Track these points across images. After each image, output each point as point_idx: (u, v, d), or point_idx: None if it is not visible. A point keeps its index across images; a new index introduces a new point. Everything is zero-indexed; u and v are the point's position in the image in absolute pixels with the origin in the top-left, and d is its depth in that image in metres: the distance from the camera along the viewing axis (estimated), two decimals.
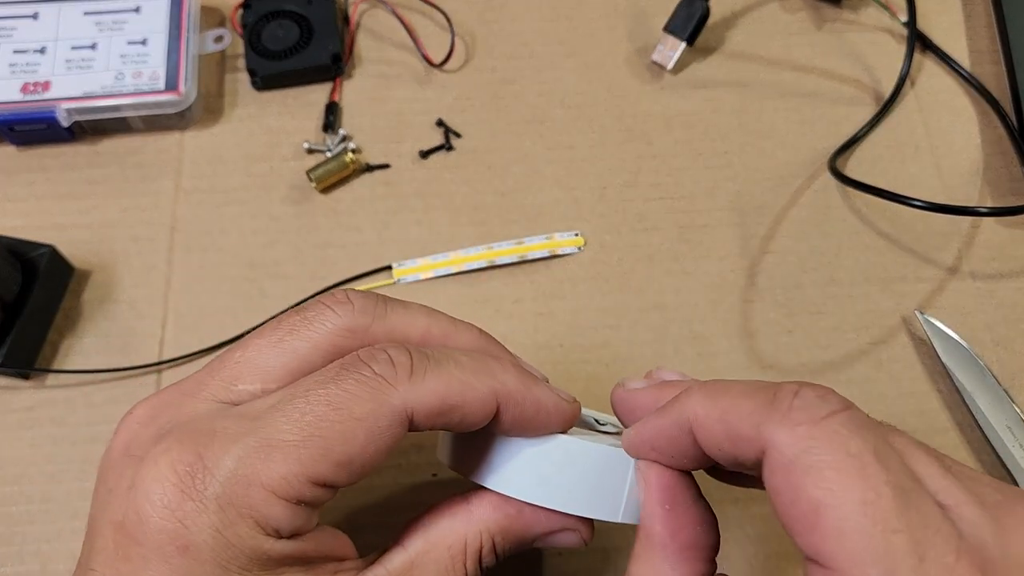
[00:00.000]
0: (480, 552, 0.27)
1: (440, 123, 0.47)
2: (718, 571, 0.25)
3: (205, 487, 0.22)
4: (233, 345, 0.27)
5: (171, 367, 0.41)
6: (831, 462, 0.20)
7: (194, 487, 0.22)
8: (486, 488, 0.27)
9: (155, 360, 0.40)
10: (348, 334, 0.26)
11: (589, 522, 0.28)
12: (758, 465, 0.22)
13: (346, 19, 0.49)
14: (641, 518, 0.25)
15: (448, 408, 0.24)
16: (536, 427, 0.27)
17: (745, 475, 0.26)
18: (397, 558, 0.26)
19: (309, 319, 0.26)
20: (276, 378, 0.25)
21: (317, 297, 0.27)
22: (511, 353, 0.30)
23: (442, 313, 0.28)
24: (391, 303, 0.27)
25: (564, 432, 0.27)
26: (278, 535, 0.23)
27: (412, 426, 0.24)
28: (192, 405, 0.25)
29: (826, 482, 0.20)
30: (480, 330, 0.29)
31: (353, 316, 0.26)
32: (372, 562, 0.27)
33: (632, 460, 0.26)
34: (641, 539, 0.25)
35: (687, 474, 0.26)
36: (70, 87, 0.44)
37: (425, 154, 0.46)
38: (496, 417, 0.26)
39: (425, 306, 0.28)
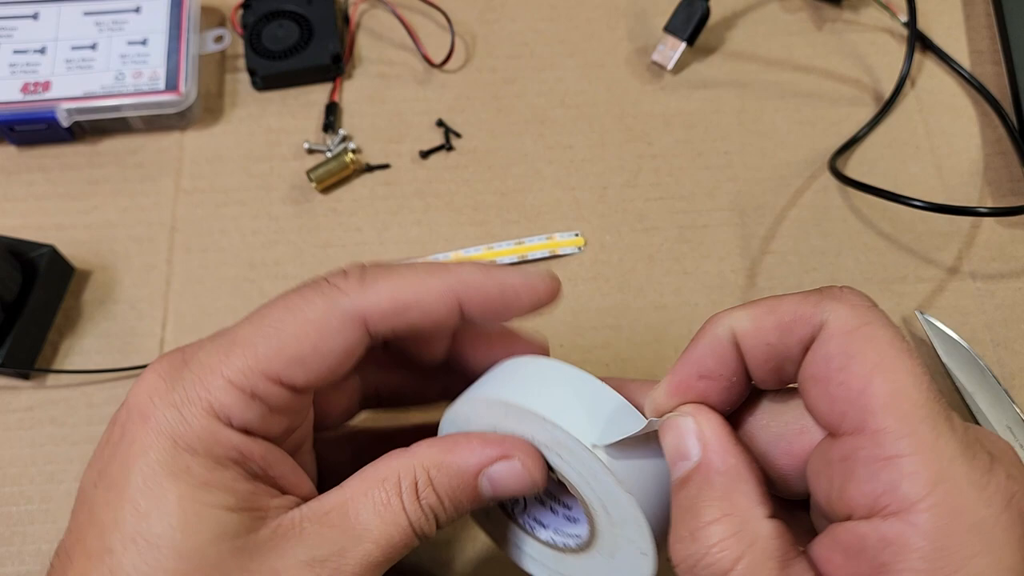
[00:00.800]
0: (416, 488, 0.26)
1: (440, 123, 0.47)
2: None
3: (180, 375, 0.25)
4: None
5: None
6: (886, 338, 0.21)
7: (170, 375, 0.25)
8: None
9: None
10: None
11: (531, 450, 0.26)
12: (798, 359, 0.23)
13: (346, 19, 0.49)
14: (706, 455, 0.23)
15: (402, 307, 0.25)
16: (506, 308, 0.27)
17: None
18: (333, 496, 0.26)
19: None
20: None
21: None
22: None
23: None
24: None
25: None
26: (229, 424, 0.24)
27: (372, 332, 0.25)
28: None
29: (881, 352, 0.21)
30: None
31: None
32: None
33: (616, 398, 0.25)
34: (706, 479, 0.23)
35: None
36: (70, 87, 0.44)
37: (425, 154, 0.46)
38: (463, 314, 0.26)
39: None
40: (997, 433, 0.24)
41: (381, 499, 0.26)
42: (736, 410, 0.25)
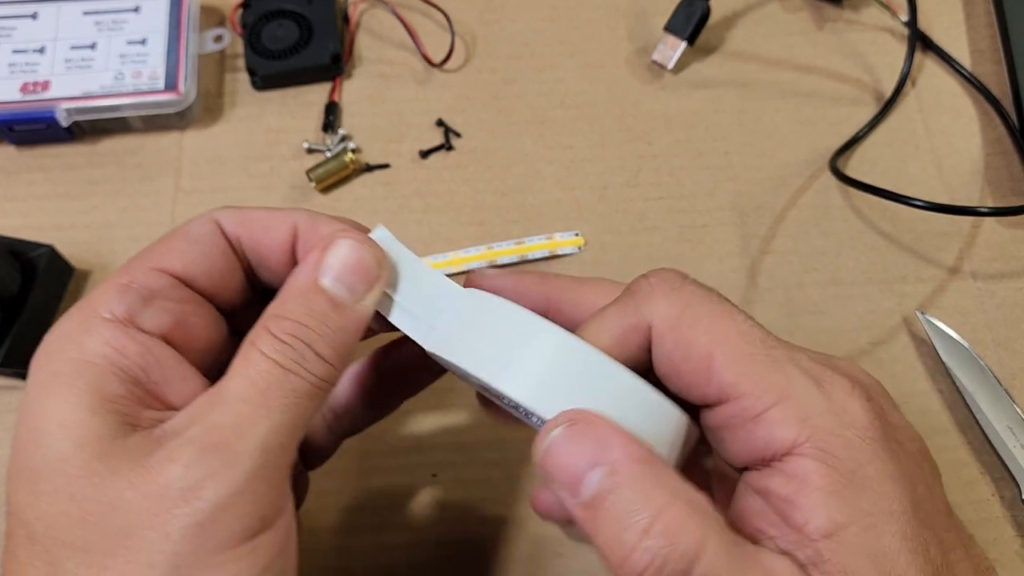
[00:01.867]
0: (267, 328, 0.23)
1: (440, 123, 0.46)
2: None
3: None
4: None
5: None
6: (707, 312, 0.24)
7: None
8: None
9: None
10: None
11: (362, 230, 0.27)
12: (648, 359, 0.25)
13: (346, 19, 0.49)
14: (621, 453, 0.22)
15: (247, 218, 0.27)
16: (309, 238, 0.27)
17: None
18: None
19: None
20: None
21: None
22: None
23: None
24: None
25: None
26: (108, 317, 0.24)
27: (229, 237, 0.27)
28: None
29: (710, 328, 0.23)
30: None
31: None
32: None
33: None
34: (631, 475, 0.22)
35: None
36: (69, 87, 0.44)
37: (425, 154, 0.46)
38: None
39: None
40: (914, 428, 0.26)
41: (239, 361, 0.23)
42: None
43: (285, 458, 0.23)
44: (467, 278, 0.29)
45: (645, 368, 0.25)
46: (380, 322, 0.27)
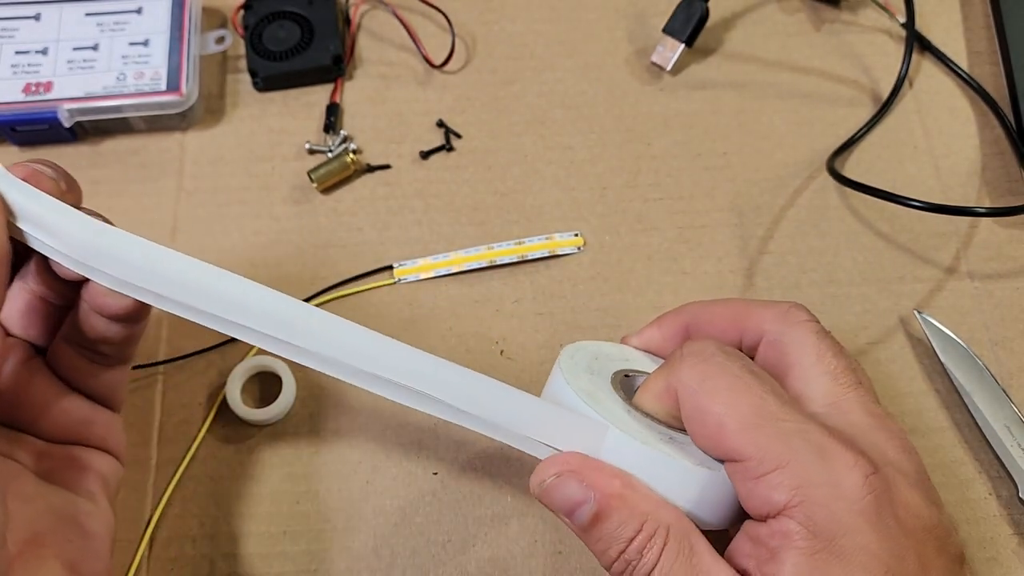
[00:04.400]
0: None
1: (440, 123, 0.47)
2: None
3: None
4: None
5: (173, 366, 0.41)
6: (726, 385, 0.27)
7: None
8: None
9: (157, 359, 0.41)
10: None
11: None
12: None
13: (347, 20, 0.50)
14: (599, 488, 0.27)
15: None
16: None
17: None
18: None
19: None
20: None
21: None
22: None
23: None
24: None
25: None
26: None
27: None
28: None
29: (725, 400, 0.27)
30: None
31: None
32: None
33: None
34: (608, 506, 0.27)
35: None
36: (72, 88, 0.44)
37: (426, 155, 0.46)
38: None
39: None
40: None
41: None
42: None
43: None
44: (622, 340, 0.35)
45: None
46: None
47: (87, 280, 0.28)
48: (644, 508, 0.26)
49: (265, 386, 0.41)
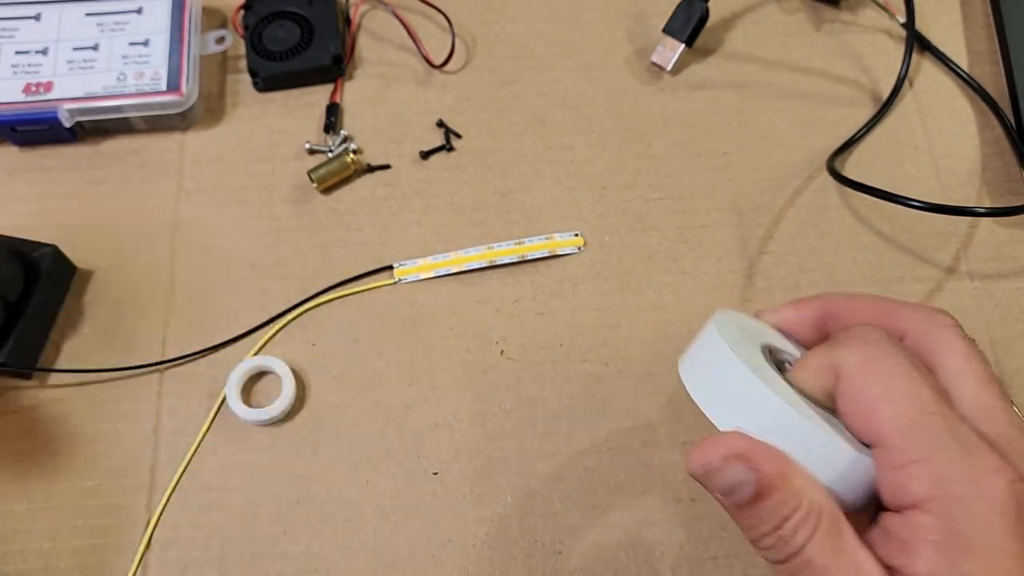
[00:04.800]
0: None
1: (441, 123, 0.47)
2: None
3: None
4: None
5: (173, 366, 0.41)
6: (888, 369, 0.27)
7: None
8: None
9: (157, 360, 0.41)
10: None
11: None
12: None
13: (347, 20, 0.50)
14: (758, 467, 0.27)
15: None
16: None
17: None
18: None
19: None
20: None
21: None
22: None
23: None
24: None
25: None
26: None
27: None
28: None
29: (884, 383, 0.26)
30: None
31: None
32: None
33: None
34: (766, 487, 0.27)
35: None
36: (72, 88, 0.44)
37: (426, 155, 0.46)
38: None
39: None
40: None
41: None
42: None
43: None
44: (756, 313, 0.33)
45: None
46: None
47: None
48: (801, 486, 0.26)
49: (265, 386, 0.41)
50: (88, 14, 0.47)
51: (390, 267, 0.43)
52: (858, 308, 0.31)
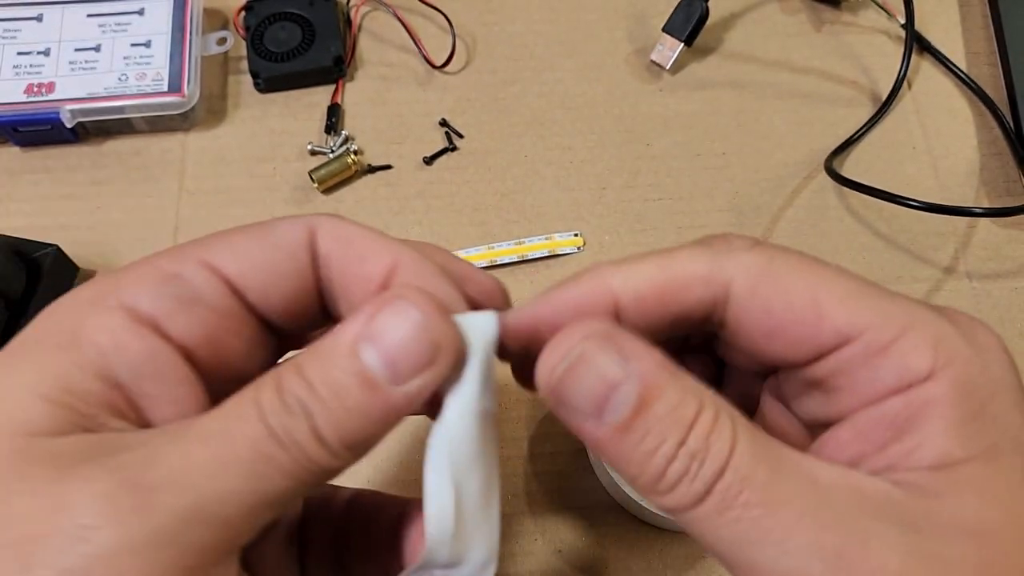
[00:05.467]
0: (278, 382, 0.19)
1: (443, 123, 0.47)
2: None
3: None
4: None
5: None
6: (797, 260, 0.21)
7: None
8: None
9: None
10: None
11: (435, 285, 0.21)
12: (694, 318, 0.21)
13: (348, 21, 0.50)
14: (643, 366, 0.20)
15: (347, 237, 0.22)
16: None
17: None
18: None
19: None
20: None
21: None
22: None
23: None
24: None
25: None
26: (133, 307, 0.20)
27: (318, 252, 0.22)
28: None
29: (806, 273, 0.21)
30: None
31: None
32: None
33: None
34: (654, 392, 0.19)
35: None
36: (74, 88, 0.45)
37: (430, 160, 0.46)
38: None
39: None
40: None
41: (232, 400, 0.19)
42: None
43: (223, 541, 0.18)
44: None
45: (680, 337, 0.22)
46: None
47: None
48: (696, 384, 0.19)
49: None
50: (90, 15, 0.47)
51: None
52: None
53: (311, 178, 0.44)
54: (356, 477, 0.38)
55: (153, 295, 0.20)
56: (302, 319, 0.22)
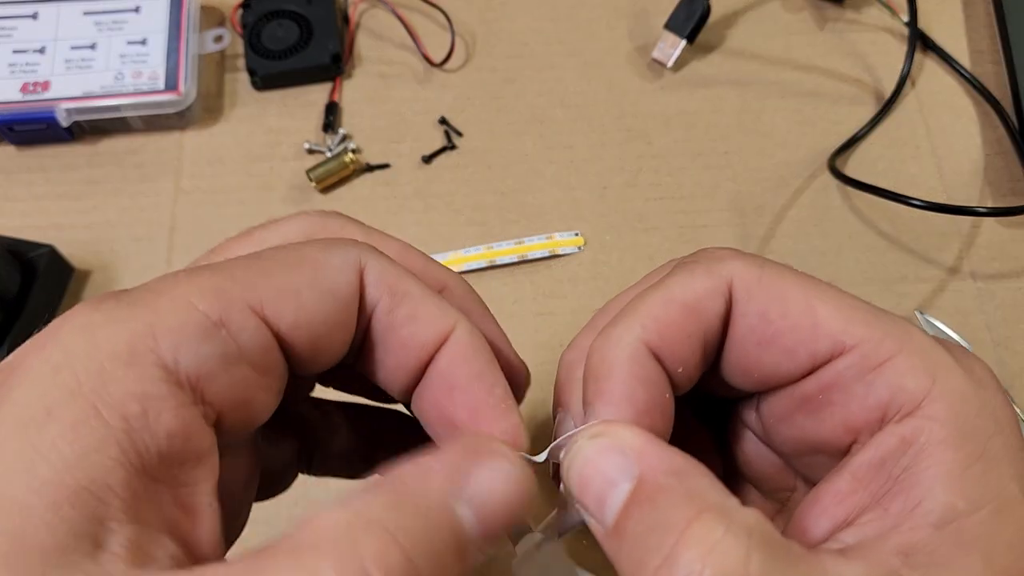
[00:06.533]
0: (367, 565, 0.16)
1: (442, 121, 0.47)
2: None
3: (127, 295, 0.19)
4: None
5: None
6: (789, 271, 0.21)
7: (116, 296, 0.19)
8: None
9: None
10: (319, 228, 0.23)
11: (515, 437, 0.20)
12: (717, 334, 0.21)
13: (346, 19, 0.49)
14: (646, 462, 0.19)
15: (398, 292, 0.21)
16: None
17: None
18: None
19: (281, 220, 0.23)
20: None
21: None
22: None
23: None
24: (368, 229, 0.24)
25: None
26: (173, 365, 0.17)
27: (365, 295, 0.20)
28: None
29: (800, 283, 0.20)
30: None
31: (324, 219, 0.24)
32: None
33: None
34: (656, 487, 0.18)
35: None
36: (70, 87, 0.44)
37: (428, 158, 0.46)
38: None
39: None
40: None
41: (325, 533, 0.16)
42: None
43: None
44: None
45: (710, 360, 0.22)
46: None
47: None
48: (707, 488, 0.18)
49: None
50: (86, 13, 0.46)
51: None
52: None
53: (309, 177, 0.44)
54: None
55: (195, 351, 0.17)
56: (331, 363, 0.20)
